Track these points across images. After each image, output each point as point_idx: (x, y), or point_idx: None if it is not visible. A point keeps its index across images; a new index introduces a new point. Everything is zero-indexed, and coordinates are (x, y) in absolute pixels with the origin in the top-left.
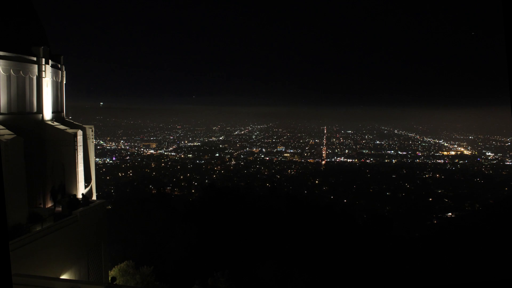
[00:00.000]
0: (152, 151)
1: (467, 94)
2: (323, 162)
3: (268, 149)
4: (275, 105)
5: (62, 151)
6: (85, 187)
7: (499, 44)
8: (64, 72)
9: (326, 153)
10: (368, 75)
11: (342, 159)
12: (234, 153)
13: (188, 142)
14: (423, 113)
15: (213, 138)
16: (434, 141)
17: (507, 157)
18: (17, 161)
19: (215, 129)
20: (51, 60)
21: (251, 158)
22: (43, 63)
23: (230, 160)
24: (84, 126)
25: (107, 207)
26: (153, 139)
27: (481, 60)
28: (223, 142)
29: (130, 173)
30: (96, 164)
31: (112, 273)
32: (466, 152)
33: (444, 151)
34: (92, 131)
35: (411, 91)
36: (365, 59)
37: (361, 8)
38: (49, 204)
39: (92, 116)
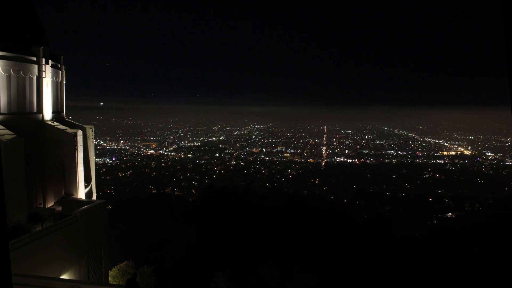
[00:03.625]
0: (152, 151)
1: (467, 94)
2: (323, 162)
3: (268, 149)
4: (275, 105)
5: (62, 151)
6: (85, 187)
7: (499, 44)
8: (64, 72)
9: (326, 153)
10: (368, 75)
11: (342, 159)
12: (234, 153)
13: (188, 142)
14: (423, 113)
15: (213, 138)
16: (434, 141)
17: (507, 157)
18: (17, 161)
19: (215, 129)
20: (51, 60)
21: (251, 158)
22: (43, 63)
23: (230, 160)
24: (84, 126)
25: (107, 207)
26: (153, 139)
27: (482, 60)
28: (223, 142)
29: (130, 173)
30: (96, 164)
31: (112, 273)
32: (466, 152)
33: (444, 151)
34: (92, 131)
35: (412, 91)
36: (366, 59)
37: (362, 8)
38: (49, 204)
39: (92, 116)
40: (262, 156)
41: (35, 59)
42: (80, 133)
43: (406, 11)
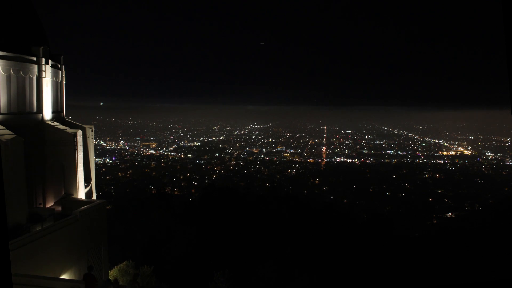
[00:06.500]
0: (152, 151)
1: (467, 94)
2: (323, 162)
3: (268, 149)
4: (275, 105)
5: (62, 151)
6: (85, 187)
7: (500, 44)
8: (64, 72)
9: (326, 153)
10: (368, 75)
11: (342, 159)
12: (234, 153)
13: (188, 142)
14: (423, 113)
15: (213, 138)
16: (434, 141)
17: (507, 157)
18: (17, 161)
19: (215, 129)
20: (51, 60)
21: (251, 158)
22: (43, 63)
23: (230, 160)
24: (84, 126)
25: (107, 207)
26: (153, 139)
27: (482, 60)
28: (223, 142)
29: (130, 173)
30: (96, 164)
31: (112, 273)
32: (466, 152)
33: (444, 151)
34: (92, 131)
35: (412, 91)
36: (366, 59)
37: (362, 8)
38: (49, 204)
39: (92, 116)
40: (262, 156)
41: (35, 59)
42: (80, 133)
43: (406, 12)
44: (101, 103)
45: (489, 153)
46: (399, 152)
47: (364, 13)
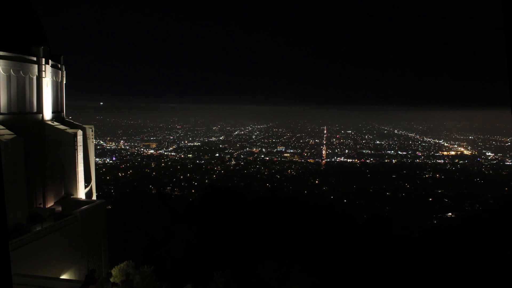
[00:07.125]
0: (152, 151)
1: (467, 94)
2: (323, 162)
3: (268, 149)
4: (275, 105)
5: (62, 151)
6: (85, 187)
7: (500, 44)
8: (64, 72)
9: (326, 153)
10: (368, 75)
11: (342, 159)
12: (234, 153)
13: (188, 142)
14: (423, 113)
15: (213, 138)
16: (434, 141)
17: (507, 157)
18: (17, 161)
19: (215, 129)
20: (51, 60)
21: (251, 158)
22: (43, 63)
23: (230, 160)
24: (84, 126)
25: (107, 207)
26: (153, 139)
27: (482, 61)
28: (223, 142)
29: (130, 173)
30: (96, 164)
31: (112, 273)
32: (466, 152)
33: (444, 151)
34: (92, 131)
35: (412, 91)
36: (366, 59)
37: (363, 9)
38: (49, 204)
39: (92, 116)
40: (262, 156)
41: (35, 59)
42: (80, 133)
43: (406, 12)
44: (101, 103)
45: (489, 153)
46: (399, 152)
47: (364, 13)
